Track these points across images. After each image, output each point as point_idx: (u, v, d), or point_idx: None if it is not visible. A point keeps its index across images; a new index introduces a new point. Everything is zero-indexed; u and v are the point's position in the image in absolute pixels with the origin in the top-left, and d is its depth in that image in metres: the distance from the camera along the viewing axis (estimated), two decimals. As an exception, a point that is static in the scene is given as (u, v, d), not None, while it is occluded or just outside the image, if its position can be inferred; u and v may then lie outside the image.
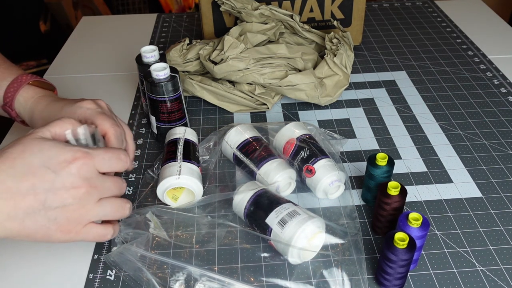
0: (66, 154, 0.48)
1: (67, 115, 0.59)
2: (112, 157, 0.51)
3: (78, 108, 0.61)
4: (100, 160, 0.50)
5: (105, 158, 0.51)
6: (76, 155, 0.48)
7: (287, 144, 0.70)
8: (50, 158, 0.47)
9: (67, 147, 0.49)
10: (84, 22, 1.26)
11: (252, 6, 0.90)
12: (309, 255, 0.59)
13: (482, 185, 0.70)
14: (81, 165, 0.48)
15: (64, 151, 0.48)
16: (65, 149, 0.48)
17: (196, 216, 0.64)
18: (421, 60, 1.02)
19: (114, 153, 0.52)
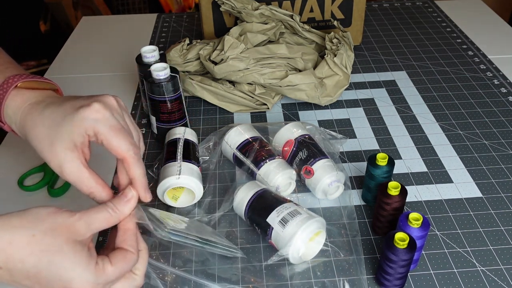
0: (75, 284, 0.43)
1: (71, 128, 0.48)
2: (121, 274, 0.46)
3: (82, 121, 0.48)
4: (109, 283, 0.45)
5: (114, 280, 0.45)
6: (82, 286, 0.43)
7: (286, 145, 0.70)
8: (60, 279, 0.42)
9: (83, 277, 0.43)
10: (84, 22, 1.26)
11: (252, 6, 0.90)
12: (309, 255, 0.59)
13: (482, 185, 0.70)
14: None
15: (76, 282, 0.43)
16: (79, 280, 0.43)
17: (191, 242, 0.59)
18: (421, 60, 1.02)
19: (125, 269, 0.46)
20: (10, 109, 0.53)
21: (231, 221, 0.65)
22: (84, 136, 0.49)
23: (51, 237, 0.42)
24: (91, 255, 0.44)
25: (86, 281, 0.43)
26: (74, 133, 0.48)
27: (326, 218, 0.65)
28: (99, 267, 0.44)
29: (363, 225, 0.64)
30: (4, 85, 0.53)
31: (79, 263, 0.43)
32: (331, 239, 0.62)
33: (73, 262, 0.43)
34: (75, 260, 0.43)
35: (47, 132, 0.49)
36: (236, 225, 0.65)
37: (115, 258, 0.46)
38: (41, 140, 0.50)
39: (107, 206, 0.47)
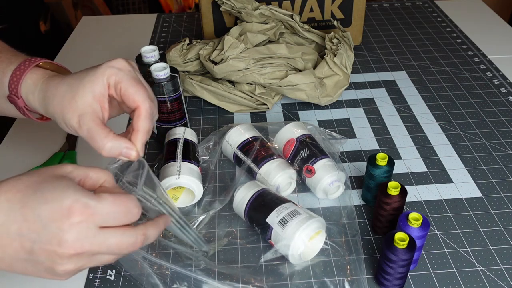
0: (62, 201, 0.39)
1: (93, 78, 0.49)
2: (121, 212, 0.42)
3: (107, 68, 0.49)
4: (104, 216, 0.41)
5: (110, 213, 0.41)
6: (73, 207, 0.39)
7: (287, 144, 0.70)
8: (44, 203, 0.39)
9: (68, 193, 0.40)
10: (84, 22, 1.26)
11: (252, 6, 0.90)
12: (309, 254, 0.59)
13: (482, 185, 0.70)
14: (75, 223, 0.39)
15: (62, 198, 0.39)
16: (64, 196, 0.40)
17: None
18: (421, 60, 1.02)
19: (123, 207, 0.42)
20: (30, 79, 0.53)
21: (231, 221, 0.65)
22: (104, 85, 0.49)
23: (37, 175, 0.41)
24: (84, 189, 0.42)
25: (74, 198, 0.40)
26: (95, 82, 0.49)
27: (326, 218, 0.65)
28: (91, 194, 0.41)
29: (363, 225, 0.64)
30: (26, 62, 0.54)
31: (66, 184, 0.41)
32: (331, 239, 0.62)
33: (57, 185, 0.40)
34: (59, 182, 0.41)
35: (68, 88, 0.50)
36: (236, 225, 0.65)
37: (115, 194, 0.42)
38: (62, 96, 0.50)
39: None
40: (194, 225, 0.65)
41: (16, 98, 0.54)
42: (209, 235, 0.63)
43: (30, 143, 0.81)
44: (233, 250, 0.61)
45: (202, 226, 0.65)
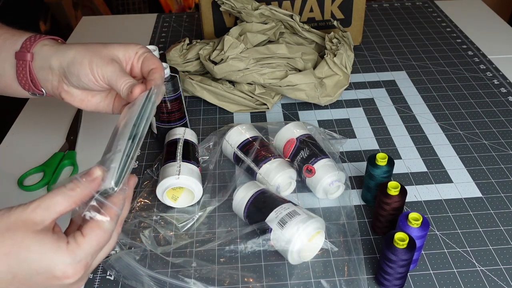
0: (54, 271, 0.41)
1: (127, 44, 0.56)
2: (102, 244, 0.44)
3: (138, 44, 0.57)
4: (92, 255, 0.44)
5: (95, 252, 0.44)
6: (66, 273, 0.42)
7: (287, 144, 0.70)
8: (36, 274, 0.41)
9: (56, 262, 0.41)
10: (84, 22, 1.26)
11: (252, 6, 0.90)
12: (308, 255, 0.59)
13: (482, 185, 0.70)
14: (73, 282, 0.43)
15: (52, 268, 0.41)
16: (54, 265, 0.41)
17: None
18: (421, 60, 1.02)
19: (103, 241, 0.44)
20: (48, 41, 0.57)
21: (231, 221, 0.65)
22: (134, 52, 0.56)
23: (9, 237, 0.41)
24: (59, 237, 0.42)
25: (63, 264, 0.41)
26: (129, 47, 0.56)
27: (325, 218, 0.65)
28: (71, 246, 0.42)
29: (363, 225, 0.64)
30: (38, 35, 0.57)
31: (47, 251, 0.41)
32: (330, 239, 0.62)
33: (40, 253, 0.41)
34: (41, 249, 0.41)
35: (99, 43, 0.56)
36: (236, 225, 0.65)
37: (87, 228, 0.43)
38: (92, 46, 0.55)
39: (65, 188, 0.43)
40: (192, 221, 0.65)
41: (26, 52, 0.56)
42: (209, 235, 0.63)
43: (30, 143, 0.81)
44: (233, 250, 0.61)
45: (200, 224, 0.65)
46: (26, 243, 0.41)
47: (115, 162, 0.45)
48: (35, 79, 0.57)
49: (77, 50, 0.54)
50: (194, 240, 0.62)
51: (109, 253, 0.46)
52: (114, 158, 0.46)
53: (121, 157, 0.46)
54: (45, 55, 0.55)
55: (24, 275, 0.41)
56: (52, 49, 0.56)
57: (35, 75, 0.57)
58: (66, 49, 0.55)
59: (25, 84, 0.57)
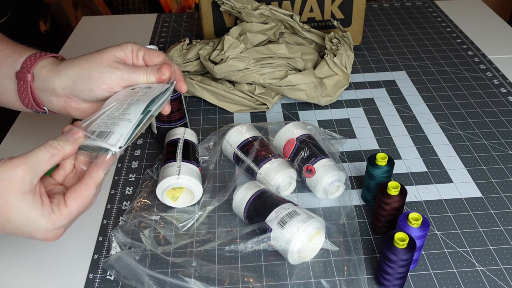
0: (36, 235, 0.48)
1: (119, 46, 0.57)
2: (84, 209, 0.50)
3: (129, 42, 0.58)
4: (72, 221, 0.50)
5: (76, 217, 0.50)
6: (47, 237, 0.48)
7: (287, 144, 0.70)
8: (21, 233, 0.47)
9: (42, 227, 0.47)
10: (84, 22, 1.26)
11: (252, 6, 0.90)
12: (309, 255, 0.59)
13: (482, 185, 0.70)
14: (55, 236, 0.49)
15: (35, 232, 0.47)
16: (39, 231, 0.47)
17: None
18: (421, 60, 1.02)
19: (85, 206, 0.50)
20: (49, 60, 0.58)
21: (231, 221, 0.65)
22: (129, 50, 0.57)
23: (0, 196, 0.45)
24: (44, 202, 0.47)
25: (45, 230, 0.47)
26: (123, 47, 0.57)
27: (325, 218, 0.65)
28: (55, 214, 0.47)
29: (363, 225, 0.64)
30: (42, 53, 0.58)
31: (33, 216, 0.46)
32: (330, 239, 0.62)
33: (27, 216, 0.46)
34: (28, 214, 0.46)
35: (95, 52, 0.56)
36: (236, 225, 0.65)
37: (70, 198, 0.48)
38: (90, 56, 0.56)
39: (48, 145, 0.48)
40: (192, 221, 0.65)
41: (26, 72, 0.56)
42: (209, 235, 0.63)
43: (30, 143, 0.81)
44: (233, 250, 0.61)
45: (200, 224, 0.65)
46: (15, 204, 0.45)
47: (123, 129, 0.49)
48: (37, 99, 0.58)
49: (79, 67, 0.55)
50: (194, 240, 0.62)
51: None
52: (120, 124, 0.49)
53: (131, 127, 0.49)
54: (46, 78, 0.56)
55: (11, 230, 0.47)
56: (52, 72, 0.56)
57: (37, 95, 0.57)
58: (67, 68, 0.55)
59: (27, 103, 0.58)
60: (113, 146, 0.48)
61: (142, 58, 0.58)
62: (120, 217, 0.66)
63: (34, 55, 0.57)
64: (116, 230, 0.62)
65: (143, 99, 0.52)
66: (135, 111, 0.51)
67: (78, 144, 0.49)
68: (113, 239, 0.60)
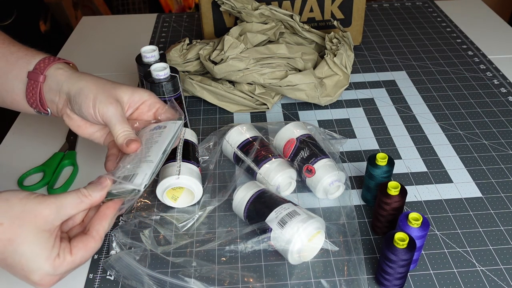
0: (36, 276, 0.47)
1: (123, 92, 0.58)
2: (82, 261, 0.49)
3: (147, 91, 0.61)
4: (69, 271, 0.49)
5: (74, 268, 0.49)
6: (42, 283, 0.47)
7: (287, 144, 0.70)
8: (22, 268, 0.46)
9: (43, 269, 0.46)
10: (84, 22, 1.26)
11: (252, 6, 0.90)
12: (309, 255, 0.59)
13: (482, 185, 0.70)
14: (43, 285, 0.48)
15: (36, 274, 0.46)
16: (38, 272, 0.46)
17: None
18: (421, 60, 1.02)
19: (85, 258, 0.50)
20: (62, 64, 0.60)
21: (231, 221, 0.65)
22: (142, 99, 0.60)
23: (18, 226, 0.45)
24: (55, 245, 0.47)
25: (45, 273, 0.46)
26: (137, 91, 0.59)
27: (325, 218, 0.65)
28: (59, 259, 0.47)
29: (363, 225, 0.64)
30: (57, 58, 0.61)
31: (41, 255, 0.46)
32: (330, 239, 0.62)
33: (35, 254, 0.46)
34: (37, 252, 0.46)
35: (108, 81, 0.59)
36: (236, 225, 0.65)
37: (75, 247, 0.48)
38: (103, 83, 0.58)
39: (79, 192, 0.49)
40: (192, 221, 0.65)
41: (39, 73, 0.59)
42: (209, 235, 0.63)
43: (30, 143, 0.81)
44: (233, 250, 0.61)
45: (200, 224, 0.65)
46: (29, 238, 0.45)
47: (146, 170, 0.53)
48: (43, 100, 0.60)
49: (86, 83, 0.58)
50: (194, 240, 0.62)
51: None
52: (142, 166, 0.53)
53: (153, 166, 0.53)
54: (59, 79, 0.59)
55: (12, 263, 0.46)
56: (65, 75, 0.59)
57: (44, 95, 0.59)
58: (78, 79, 0.58)
59: (33, 103, 0.60)
60: (138, 186, 0.51)
61: (155, 110, 0.61)
62: (120, 217, 0.66)
63: (48, 58, 0.60)
64: (116, 230, 0.62)
65: (161, 140, 0.57)
66: (155, 152, 0.55)
67: (106, 190, 0.51)
68: (113, 239, 0.60)
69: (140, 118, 0.61)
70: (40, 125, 0.85)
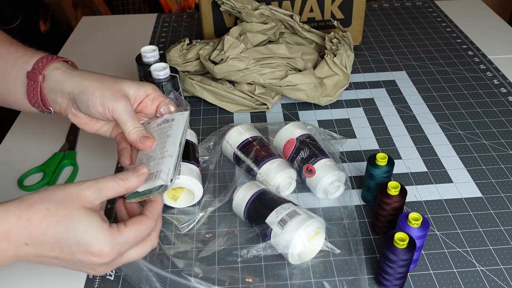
0: (94, 246, 0.45)
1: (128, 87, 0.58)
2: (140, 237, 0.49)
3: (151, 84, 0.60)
4: (128, 245, 0.48)
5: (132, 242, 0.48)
6: (103, 251, 0.46)
7: (287, 144, 0.70)
8: (78, 244, 0.45)
9: (99, 239, 0.46)
10: (84, 22, 1.26)
11: (252, 6, 0.90)
12: (309, 255, 0.59)
13: (482, 185, 0.70)
14: (105, 262, 0.47)
15: (93, 243, 0.45)
16: (95, 241, 0.45)
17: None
18: (421, 60, 1.02)
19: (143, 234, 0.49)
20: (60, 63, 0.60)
21: (231, 221, 0.65)
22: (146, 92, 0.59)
23: (63, 207, 0.45)
24: (103, 219, 0.47)
25: (103, 242, 0.46)
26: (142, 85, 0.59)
27: (326, 218, 0.65)
28: (113, 229, 0.47)
29: (363, 225, 0.64)
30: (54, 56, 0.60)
31: (93, 226, 0.46)
32: (331, 239, 0.62)
33: (87, 226, 0.45)
34: (89, 223, 0.46)
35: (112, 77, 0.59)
36: (236, 225, 0.65)
37: (129, 221, 0.48)
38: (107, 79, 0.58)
39: (117, 177, 0.50)
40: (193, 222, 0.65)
41: (38, 74, 0.58)
42: (209, 235, 0.63)
43: (30, 143, 0.81)
44: (233, 250, 0.61)
45: (201, 224, 0.65)
46: (77, 215, 0.45)
47: (169, 164, 0.53)
48: (45, 99, 0.60)
49: (90, 81, 0.57)
50: (195, 241, 0.62)
51: (145, 254, 0.50)
52: (163, 161, 0.54)
53: (174, 160, 0.54)
54: (58, 79, 0.58)
55: (67, 242, 0.45)
56: (65, 75, 0.58)
57: (45, 95, 0.59)
58: (80, 77, 0.58)
59: (34, 102, 0.60)
60: (165, 181, 0.52)
61: (157, 105, 0.61)
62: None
63: (46, 57, 0.59)
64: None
65: (173, 133, 0.57)
66: (172, 146, 0.55)
67: (143, 179, 0.52)
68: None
69: (143, 111, 0.61)
70: (40, 125, 0.85)
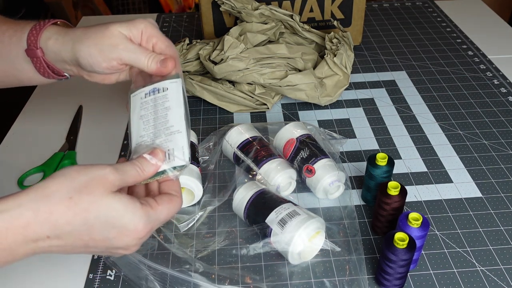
0: (127, 226, 0.44)
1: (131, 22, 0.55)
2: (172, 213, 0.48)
3: (144, 20, 0.56)
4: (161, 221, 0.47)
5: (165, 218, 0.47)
6: (137, 229, 0.44)
7: (287, 144, 0.70)
8: (112, 227, 0.43)
9: (133, 220, 0.44)
10: (84, 22, 1.25)
11: (252, 6, 0.90)
12: (309, 255, 0.59)
13: (482, 185, 0.70)
14: (141, 237, 0.45)
15: (126, 223, 0.44)
16: (131, 223, 0.44)
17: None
18: (421, 60, 1.02)
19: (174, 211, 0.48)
20: (51, 29, 0.56)
21: (231, 221, 0.65)
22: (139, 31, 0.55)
23: (87, 193, 0.42)
24: (132, 198, 0.45)
25: (139, 220, 0.44)
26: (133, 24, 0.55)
27: (326, 218, 0.65)
28: (146, 207, 0.45)
29: (363, 225, 0.64)
30: (45, 20, 0.57)
31: (125, 207, 0.43)
32: (331, 239, 0.62)
33: (119, 208, 0.43)
34: (120, 206, 0.43)
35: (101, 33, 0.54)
36: (236, 225, 0.65)
37: (161, 199, 0.47)
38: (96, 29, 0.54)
39: (135, 165, 0.47)
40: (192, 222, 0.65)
41: (34, 49, 0.56)
42: (209, 234, 0.63)
43: (30, 143, 0.81)
44: (233, 250, 0.61)
45: (200, 224, 0.65)
46: (105, 200, 0.43)
47: (181, 142, 0.49)
48: (56, 69, 0.58)
49: (82, 42, 0.54)
50: (195, 240, 0.62)
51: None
52: (173, 139, 0.50)
53: (186, 136, 0.50)
54: (54, 50, 0.56)
55: (100, 228, 0.43)
56: (57, 43, 0.55)
57: (53, 65, 0.57)
58: (72, 43, 0.55)
59: (48, 75, 0.59)
60: (182, 160, 0.49)
61: (153, 45, 0.56)
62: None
63: (34, 28, 0.56)
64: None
65: (172, 105, 0.52)
66: (176, 120, 0.51)
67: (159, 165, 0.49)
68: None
69: None
70: (40, 125, 0.85)
